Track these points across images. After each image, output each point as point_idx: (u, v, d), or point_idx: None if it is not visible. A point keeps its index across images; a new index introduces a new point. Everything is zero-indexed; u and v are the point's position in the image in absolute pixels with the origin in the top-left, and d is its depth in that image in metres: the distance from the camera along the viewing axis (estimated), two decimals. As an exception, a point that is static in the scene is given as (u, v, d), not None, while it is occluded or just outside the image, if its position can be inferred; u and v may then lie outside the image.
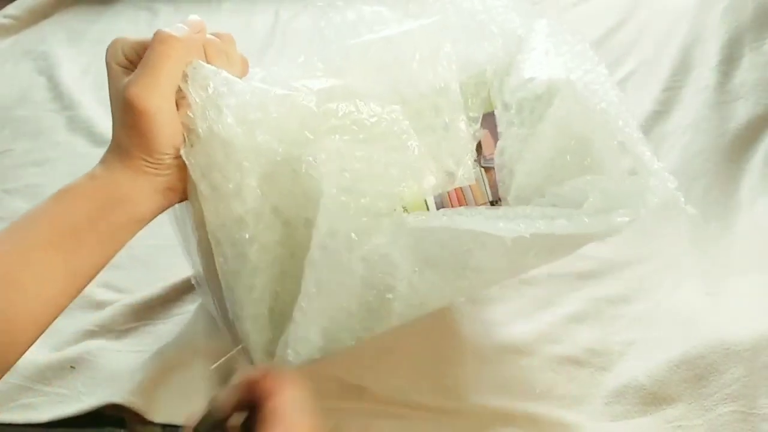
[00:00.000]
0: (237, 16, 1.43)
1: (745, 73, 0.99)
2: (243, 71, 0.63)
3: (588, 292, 0.82)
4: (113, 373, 0.76)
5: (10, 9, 1.51)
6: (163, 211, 0.61)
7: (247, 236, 0.57)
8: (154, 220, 0.61)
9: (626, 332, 0.77)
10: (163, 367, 0.76)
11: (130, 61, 0.57)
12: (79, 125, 1.17)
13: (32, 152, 1.13)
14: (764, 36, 1.01)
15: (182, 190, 0.60)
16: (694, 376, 0.70)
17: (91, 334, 0.80)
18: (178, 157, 0.57)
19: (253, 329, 0.61)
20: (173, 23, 0.57)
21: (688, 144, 0.96)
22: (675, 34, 1.09)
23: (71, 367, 0.76)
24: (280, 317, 0.61)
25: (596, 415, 0.70)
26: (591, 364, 0.75)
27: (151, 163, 0.56)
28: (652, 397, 0.70)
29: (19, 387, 0.75)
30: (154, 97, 0.54)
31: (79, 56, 1.37)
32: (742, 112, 0.96)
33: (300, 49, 0.65)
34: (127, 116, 0.55)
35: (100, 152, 0.59)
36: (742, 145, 0.94)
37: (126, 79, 0.55)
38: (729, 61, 1.01)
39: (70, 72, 1.32)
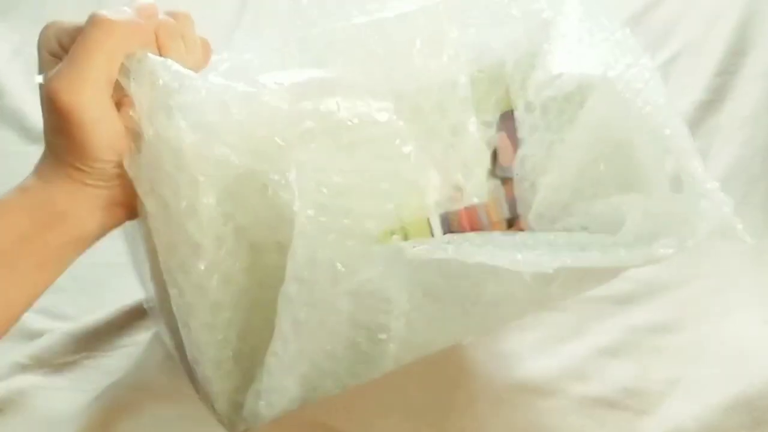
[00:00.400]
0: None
1: (813, 56, 0.98)
2: (204, 59, 0.60)
3: (624, 319, 0.81)
4: (50, 418, 0.73)
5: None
6: (110, 230, 0.59)
7: (203, 266, 0.55)
8: (101, 236, 0.60)
9: (670, 368, 0.76)
10: (111, 410, 0.73)
11: (65, 50, 0.54)
12: (8, 117, 1.14)
13: (-49, 150, 1.12)
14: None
15: (131, 205, 0.58)
16: (752, 420, 0.69)
17: (22, 368, 0.78)
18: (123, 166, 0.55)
19: (216, 375, 0.59)
20: (120, 4, 0.55)
21: (746, 140, 0.95)
22: (729, 8, 1.07)
23: (-1, 409, 0.75)
24: (249, 360, 0.59)
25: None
26: (627, 407, 0.73)
27: (89, 173, 0.54)
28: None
29: (-63, 438, 0.73)
30: (82, 92, 0.51)
31: (9, 33, 1.33)
32: (811, 101, 0.95)
33: (276, 30, 0.63)
34: (52, 116, 0.52)
35: (33, 149, 0.57)
36: (812, 141, 0.94)
37: (52, 71, 0.53)
38: (794, 40, 0.99)
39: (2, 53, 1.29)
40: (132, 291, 0.81)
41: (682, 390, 0.74)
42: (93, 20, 0.52)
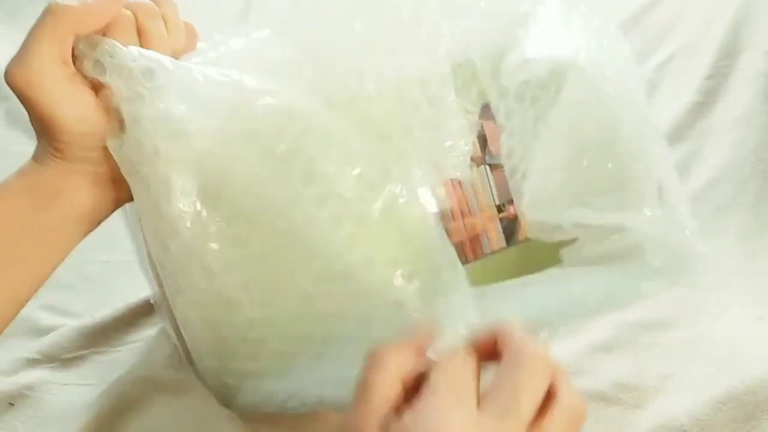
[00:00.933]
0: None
1: (804, 58, 0.97)
2: (189, 42, 0.61)
3: (618, 316, 0.80)
4: (59, 412, 0.73)
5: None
6: (112, 208, 0.60)
7: (181, 244, 0.56)
8: (107, 232, 0.60)
9: (663, 364, 0.76)
10: (118, 403, 0.72)
11: None
12: (16, 118, 1.16)
13: (-40, 150, 1.11)
14: (827, 15, 0.99)
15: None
16: (744, 415, 0.68)
17: (33, 363, 0.78)
18: None
19: (205, 353, 0.59)
20: None
21: (738, 141, 0.94)
22: (722, 11, 1.06)
23: (10, 404, 0.75)
24: (235, 337, 0.60)
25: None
26: (621, 401, 0.72)
27: (67, 150, 0.55)
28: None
29: (-52, 432, 0.73)
30: (31, 73, 0.53)
31: (15, 35, 1.31)
32: (801, 103, 0.94)
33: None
34: (19, 100, 0.54)
35: None
36: (802, 142, 0.93)
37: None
38: (786, 44, 0.98)
39: (6, 55, 1.28)
40: (138, 289, 0.81)
41: (676, 386, 0.73)
42: (47, 7, 0.53)
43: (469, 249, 0.66)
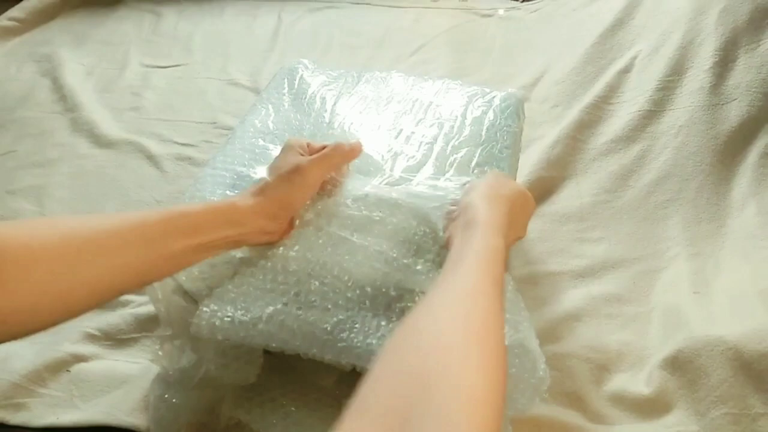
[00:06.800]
0: (240, 19, 1.40)
1: (740, 75, 0.97)
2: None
3: (583, 290, 0.82)
4: (108, 381, 0.75)
5: (14, 11, 1.50)
6: None
7: None
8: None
9: (622, 332, 0.77)
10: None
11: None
12: (81, 126, 1.15)
13: (35, 153, 1.12)
14: (759, 38, 0.99)
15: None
16: (687, 381, 0.69)
17: (92, 338, 0.79)
18: None
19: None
20: (176, 25, 0.56)
21: (682, 145, 0.95)
22: (672, 33, 1.07)
23: (67, 370, 0.75)
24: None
25: (597, 417, 0.70)
26: (591, 360, 0.74)
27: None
28: (650, 404, 0.69)
29: (14, 385, 0.73)
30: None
31: (83, 58, 1.37)
32: (736, 114, 0.94)
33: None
34: None
35: (100, 153, 0.56)
36: (735, 147, 0.93)
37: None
38: (724, 62, 0.98)
39: (74, 74, 1.31)
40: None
41: (634, 352, 0.75)
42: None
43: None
